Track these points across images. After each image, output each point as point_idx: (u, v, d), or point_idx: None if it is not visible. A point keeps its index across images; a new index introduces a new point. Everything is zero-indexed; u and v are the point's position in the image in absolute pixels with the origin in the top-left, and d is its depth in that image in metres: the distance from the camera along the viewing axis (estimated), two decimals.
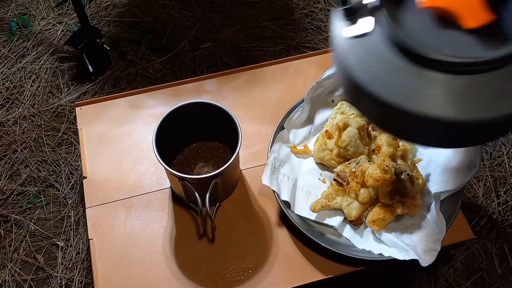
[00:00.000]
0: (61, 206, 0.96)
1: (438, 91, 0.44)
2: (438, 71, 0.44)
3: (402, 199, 0.78)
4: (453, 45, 0.46)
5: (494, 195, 0.95)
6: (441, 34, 0.48)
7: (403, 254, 0.75)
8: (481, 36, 0.46)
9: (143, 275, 0.78)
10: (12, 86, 1.11)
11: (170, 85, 0.97)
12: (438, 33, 0.48)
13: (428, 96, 0.44)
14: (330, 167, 0.85)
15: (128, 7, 1.24)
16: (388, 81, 0.45)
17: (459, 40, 0.47)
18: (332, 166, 0.85)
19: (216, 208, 0.83)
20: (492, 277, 0.87)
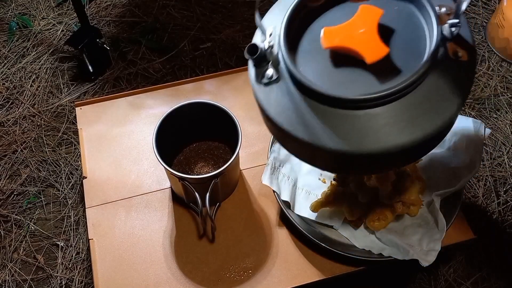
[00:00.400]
0: (61, 206, 0.96)
1: (332, 124, 0.48)
2: (334, 107, 0.48)
3: (402, 199, 0.78)
4: (349, 82, 0.50)
5: (494, 195, 0.95)
6: (340, 73, 0.51)
7: (403, 254, 0.75)
8: (377, 71, 0.50)
9: (143, 275, 0.78)
10: (12, 86, 1.11)
11: (170, 85, 0.97)
12: (337, 72, 0.51)
13: (323, 129, 0.48)
14: None
15: (128, 7, 1.24)
16: (296, 120, 0.50)
17: (356, 77, 0.50)
18: None
19: (216, 208, 0.83)
20: (492, 277, 0.87)
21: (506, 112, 1.05)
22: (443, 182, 0.80)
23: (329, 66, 0.51)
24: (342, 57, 0.50)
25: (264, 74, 0.53)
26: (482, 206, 0.94)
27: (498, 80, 1.10)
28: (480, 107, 1.06)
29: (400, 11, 0.52)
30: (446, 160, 0.82)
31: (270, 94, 0.52)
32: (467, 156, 0.79)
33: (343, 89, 0.49)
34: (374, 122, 0.48)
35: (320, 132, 0.49)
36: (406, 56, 0.50)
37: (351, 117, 0.48)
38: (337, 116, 0.48)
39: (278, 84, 0.52)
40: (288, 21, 0.53)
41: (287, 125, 0.51)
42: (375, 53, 0.48)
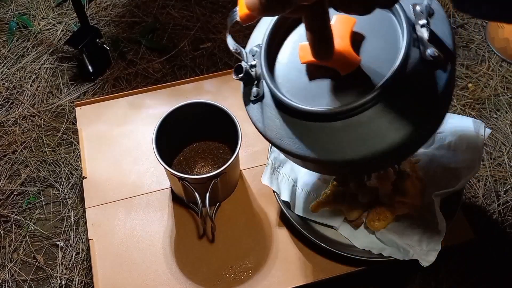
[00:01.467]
0: (61, 206, 0.96)
1: (309, 136, 0.50)
2: (309, 121, 0.50)
3: (402, 199, 0.78)
4: (324, 95, 0.50)
5: (494, 195, 0.95)
6: (317, 86, 0.51)
7: (403, 254, 0.75)
8: (350, 81, 0.49)
9: (143, 275, 0.78)
10: (12, 86, 1.11)
11: (170, 85, 0.97)
12: (313, 85, 0.51)
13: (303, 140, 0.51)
14: None
15: (128, 7, 1.24)
16: (280, 133, 0.52)
17: (331, 89, 0.50)
18: None
19: (216, 208, 0.83)
20: (492, 277, 0.87)
21: (506, 112, 1.05)
22: (443, 182, 0.80)
23: (306, 80, 0.52)
24: (319, 69, 0.51)
25: (251, 92, 0.55)
26: (482, 206, 0.94)
27: (498, 80, 1.10)
28: (480, 107, 1.06)
29: (376, 16, 0.50)
30: (446, 160, 0.82)
31: (258, 111, 0.55)
32: (467, 156, 0.79)
33: (318, 103, 0.50)
34: (337, 134, 0.49)
35: (299, 143, 0.51)
36: (379, 64, 0.49)
37: (319, 129, 0.50)
38: (310, 128, 0.50)
39: (264, 101, 0.54)
40: (268, 40, 0.54)
41: (274, 139, 0.53)
42: (348, 64, 0.48)
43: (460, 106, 1.06)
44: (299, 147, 0.51)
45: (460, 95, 1.08)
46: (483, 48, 1.15)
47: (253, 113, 0.55)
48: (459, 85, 1.09)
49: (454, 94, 1.07)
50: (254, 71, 0.55)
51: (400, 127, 0.47)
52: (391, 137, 0.47)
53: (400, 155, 0.55)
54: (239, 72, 0.54)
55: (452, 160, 0.81)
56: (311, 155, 0.50)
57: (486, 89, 1.09)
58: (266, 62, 0.53)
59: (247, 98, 0.56)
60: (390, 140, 0.47)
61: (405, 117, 0.47)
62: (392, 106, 0.47)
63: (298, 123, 0.51)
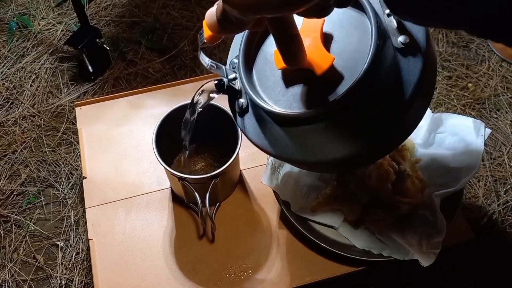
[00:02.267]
0: (61, 206, 0.96)
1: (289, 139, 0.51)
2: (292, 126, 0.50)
3: (402, 199, 0.78)
4: (302, 98, 0.51)
5: (494, 195, 0.95)
6: (294, 90, 0.51)
7: (403, 254, 0.75)
8: (326, 81, 0.49)
9: (143, 275, 0.78)
10: (12, 86, 1.11)
11: (170, 85, 0.97)
12: (291, 89, 0.52)
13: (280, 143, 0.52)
14: None
15: (128, 7, 1.24)
16: (264, 138, 0.53)
17: (308, 91, 0.51)
18: None
19: (216, 208, 0.83)
20: (492, 277, 0.87)
21: (506, 112, 1.05)
22: (443, 182, 0.80)
23: (283, 86, 0.52)
24: (295, 72, 0.51)
25: (236, 104, 0.56)
26: (482, 206, 0.94)
27: (498, 80, 1.10)
28: (480, 107, 1.06)
29: (344, 13, 0.50)
30: (446, 160, 0.82)
31: (245, 121, 0.55)
32: (467, 156, 0.79)
33: (297, 106, 0.50)
34: (310, 137, 0.49)
35: (288, 148, 0.51)
36: (352, 59, 0.48)
37: (296, 133, 0.50)
38: (292, 133, 0.51)
39: (249, 111, 0.55)
40: (244, 50, 0.54)
41: (265, 147, 0.54)
42: (321, 63, 0.48)
43: (460, 106, 1.06)
44: (289, 152, 0.51)
45: (460, 95, 1.08)
46: (483, 48, 1.15)
47: (242, 125, 0.56)
48: (459, 85, 1.09)
49: (454, 94, 1.07)
50: (236, 84, 0.55)
51: (382, 119, 0.47)
52: (376, 129, 0.47)
53: (387, 148, 0.55)
54: (221, 88, 0.55)
55: (452, 160, 0.81)
56: (303, 158, 0.51)
57: (486, 89, 1.09)
58: (245, 72, 0.53)
59: (233, 112, 0.57)
60: (375, 133, 0.47)
61: (386, 109, 0.47)
62: (370, 101, 0.47)
63: (284, 129, 0.51)
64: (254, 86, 0.53)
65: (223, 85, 0.55)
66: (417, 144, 0.86)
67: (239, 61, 0.54)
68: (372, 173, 0.76)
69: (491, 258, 0.89)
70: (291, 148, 0.51)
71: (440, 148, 0.84)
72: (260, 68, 0.54)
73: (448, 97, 1.07)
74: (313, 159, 0.50)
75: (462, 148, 0.81)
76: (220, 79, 0.55)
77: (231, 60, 0.57)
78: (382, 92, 0.47)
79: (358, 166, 0.67)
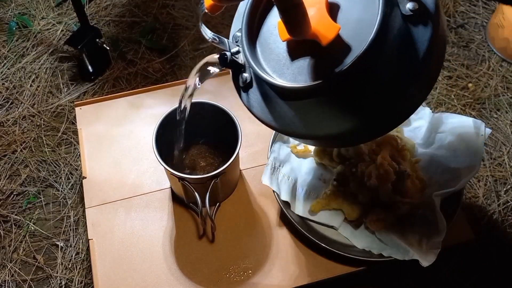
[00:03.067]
0: (61, 206, 0.96)
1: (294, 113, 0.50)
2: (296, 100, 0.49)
3: (402, 199, 0.78)
4: (307, 70, 0.49)
5: (494, 195, 0.95)
6: (300, 62, 0.50)
7: (403, 254, 0.75)
8: (332, 52, 0.47)
9: (143, 275, 0.78)
10: (12, 86, 1.10)
11: (170, 85, 0.97)
12: (296, 62, 0.50)
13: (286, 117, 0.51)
14: (330, 167, 0.85)
15: (128, 7, 1.24)
16: (269, 112, 0.52)
17: (313, 63, 0.49)
18: (332, 166, 0.85)
19: (216, 208, 0.83)
20: (492, 277, 0.87)
21: (507, 112, 1.05)
22: (443, 182, 0.80)
23: (288, 58, 0.50)
24: (300, 43, 0.49)
25: (239, 78, 0.54)
26: (482, 206, 0.94)
27: (498, 80, 1.10)
28: (480, 107, 1.06)
29: None
30: (446, 160, 0.82)
31: (250, 97, 0.54)
32: (467, 156, 0.79)
33: (303, 78, 0.48)
34: (315, 110, 0.48)
35: (292, 122, 0.50)
36: (359, 29, 0.46)
37: (301, 107, 0.49)
38: (297, 106, 0.49)
39: (253, 86, 0.54)
40: (247, 22, 0.52)
41: (269, 122, 0.53)
42: (327, 34, 0.46)
43: (460, 106, 1.06)
44: (294, 126, 0.50)
45: (460, 95, 1.08)
46: (483, 48, 1.15)
47: (246, 100, 0.55)
48: (459, 85, 1.09)
49: (454, 94, 1.07)
50: (239, 57, 0.53)
51: (388, 91, 0.45)
52: (382, 102, 0.45)
53: (392, 121, 0.53)
54: (224, 62, 0.53)
55: (452, 160, 0.81)
56: (308, 132, 0.49)
57: (486, 89, 1.08)
58: (249, 45, 0.52)
59: (237, 86, 0.55)
60: (382, 105, 0.46)
61: (392, 80, 0.45)
62: (377, 71, 0.45)
63: (289, 103, 0.50)
64: (257, 60, 0.52)
65: (226, 59, 0.53)
66: (417, 144, 0.86)
67: (242, 34, 0.52)
68: (372, 173, 0.76)
69: (491, 258, 0.89)
70: (296, 122, 0.49)
71: (440, 148, 0.84)
72: (264, 41, 0.53)
73: (448, 97, 1.07)
74: (318, 133, 0.49)
75: (462, 148, 0.81)
76: (223, 52, 0.53)
77: (234, 33, 0.55)
78: (390, 62, 0.45)
79: (364, 140, 0.63)
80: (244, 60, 0.53)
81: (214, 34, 0.54)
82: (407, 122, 0.89)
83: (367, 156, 0.80)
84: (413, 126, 0.88)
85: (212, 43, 0.54)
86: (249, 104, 0.54)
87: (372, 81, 0.45)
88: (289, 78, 0.49)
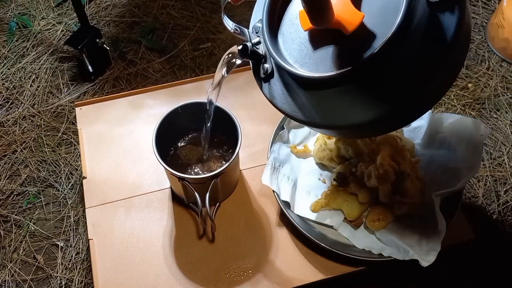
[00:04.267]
0: (61, 206, 0.96)
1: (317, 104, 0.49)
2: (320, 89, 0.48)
3: (402, 199, 0.78)
4: (330, 60, 0.48)
5: (494, 195, 0.95)
6: (322, 52, 0.49)
7: (403, 254, 0.75)
8: (356, 41, 0.47)
9: (143, 275, 0.78)
10: (12, 86, 1.11)
11: (170, 85, 0.97)
12: (319, 51, 0.49)
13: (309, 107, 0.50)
14: (330, 167, 0.85)
15: (128, 7, 1.24)
16: (292, 103, 0.52)
17: (337, 52, 0.48)
18: (332, 166, 0.85)
19: (216, 208, 0.83)
20: (492, 277, 0.87)
21: (506, 112, 1.05)
22: (443, 182, 0.80)
23: (311, 48, 0.50)
24: (323, 33, 0.48)
25: (260, 69, 0.54)
26: (482, 206, 0.94)
27: (498, 80, 1.10)
28: (480, 107, 1.06)
29: None
30: (446, 160, 0.82)
31: (271, 87, 0.53)
32: (467, 156, 0.79)
33: (325, 68, 0.48)
34: (338, 100, 0.47)
35: (314, 112, 0.50)
36: (383, 17, 0.45)
37: (323, 97, 0.48)
38: (319, 96, 0.49)
39: (275, 76, 0.53)
40: (268, 12, 0.52)
41: (291, 112, 0.52)
42: (351, 22, 0.45)
43: (460, 106, 1.06)
44: (316, 117, 0.49)
45: (460, 95, 1.08)
46: (483, 48, 1.15)
47: (267, 91, 0.54)
48: (459, 85, 1.09)
49: (454, 94, 1.07)
50: (260, 48, 0.53)
51: (413, 79, 0.44)
52: (407, 90, 0.44)
53: (417, 111, 0.52)
54: (245, 52, 0.52)
55: (452, 160, 0.81)
56: (331, 122, 0.48)
57: (486, 89, 1.09)
58: (270, 36, 0.51)
59: (258, 77, 0.55)
60: (406, 94, 0.44)
61: (417, 68, 0.44)
62: (402, 59, 0.44)
63: (311, 93, 0.49)
64: (279, 50, 0.51)
65: (247, 50, 0.52)
66: (417, 144, 0.86)
67: (263, 24, 0.51)
68: (372, 173, 0.76)
69: (491, 258, 0.89)
70: (319, 112, 0.48)
71: (440, 148, 0.84)
72: (285, 31, 0.52)
73: (448, 97, 1.07)
74: (342, 123, 0.48)
75: (462, 148, 0.81)
76: (244, 43, 0.53)
77: (254, 24, 0.54)
78: (416, 48, 0.44)
79: (388, 129, 0.62)
80: (265, 50, 0.52)
81: (235, 25, 0.53)
82: None
83: (367, 156, 0.80)
84: (413, 126, 0.88)
85: (234, 33, 0.53)
86: (270, 95, 0.53)
87: (398, 67, 0.44)
88: (311, 67, 0.49)
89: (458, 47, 0.45)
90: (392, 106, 0.45)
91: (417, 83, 0.45)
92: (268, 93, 0.54)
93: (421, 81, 0.44)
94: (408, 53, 0.44)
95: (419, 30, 0.44)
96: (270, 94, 0.54)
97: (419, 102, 0.48)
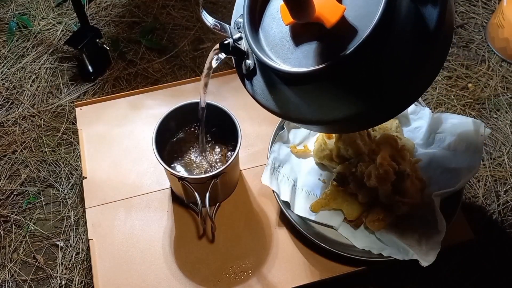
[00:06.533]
0: (61, 206, 0.96)
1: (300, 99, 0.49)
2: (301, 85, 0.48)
3: (402, 199, 0.78)
4: (312, 55, 0.48)
5: (494, 195, 0.95)
6: (304, 47, 0.49)
7: (403, 254, 0.75)
8: (335, 36, 0.46)
9: (143, 275, 0.78)
10: (12, 86, 1.11)
11: (170, 85, 0.97)
12: (300, 47, 0.49)
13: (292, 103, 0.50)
14: (330, 167, 0.85)
15: (128, 7, 1.24)
16: (275, 99, 0.51)
17: (318, 47, 0.47)
18: (332, 166, 0.85)
19: (216, 208, 0.83)
20: (492, 277, 0.87)
21: (506, 112, 1.05)
22: (443, 182, 0.80)
23: (292, 42, 0.49)
24: (305, 26, 0.48)
25: (242, 66, 0.53)
26: (482, 206, 0.94)
27: (498, 80, 1.10)
28: (480, 107, 1.06)
29: None
30: (446, 160, 0.82)
31: (253, 83, 0.53)
32: (467, 156, 0.79)
33: (306, 64, 0.47)
34: (321, 95, 0.47)
35: (294, 107, 0.49)
36: (365, 10, 0.45)
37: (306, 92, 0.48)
38: (302, 92, 0.48)
39: (256, 71, 0.52)
40: (249, 6, 0.51)
41: (273, 108, 0.52)
42: (331, 15, 0.44)
43: (460, 106, 1.06)
44: (299, 112, 0.48)
45: (460, 95, 1.08)
46: (483, 48, 1.15)
47: (250, 87, 0.53)
48: (459, 85, 1.09)
49: (454, 94, 1.07)
50: (242, 44, 0.52)
51: (396, 73, 0.44)
52: (390, 84, 0.44)
53: (400, 105, 0.52)
54: (226, 49, 0.52)
55: (452, 160, 0.81)
56: (314, 117, 0.48)
57: (486, 89, 1.09)
58: (251, 31, 0.51)
59: (241, 74, 0.54)
60: (389, 88, 0.44)
61: (400, 62, 0.43)
62: (384, 53, 0.44)
63: (294, 89, 0.49)
64: (260, 45, 0.50)
65: (228, 46, 0.52)
66: (417, 144, 0.86)
67: (244, 19, 0.51)
68: (372, 173, 0.76)
69: (491, 258, 0.89)
70: (302, 108, 0.48)
71: (440, 148, 0.84)
72: (267, 26, 0.51)
73: (448, 97, 1.07)
74: (325, 117, 0.47)
75: (462, 148, 0.81)
76: (225, 39, 0.52)
77: (236, 19, 0.53)
78: (398, 42, 0.44)
79: (372, 124, 0.61)
80: (247, 46, 0.52)
81: (215, 20, 0.52)
82: (407, 122, 0.89)
83: (367, 156, 0.80)
84: (413, 126, 0.88)
85: (214, 29, 0.53)
86: (253, 91, 0.53)
87: (380, 62, 0.44)
88: (294, 63, 0.48)
89: (440, 40, 0.45)
90: (373, 101, 0.45)
91: (398, 77, 0.44)
92: (251, 89, 0.53)
93: (404, 74, 0.44)
94: (389, 47, 0.44)
95: (401, 24, 0.43)
96: (252, 91, 0.53)
97: (402, 96, 0.48)
